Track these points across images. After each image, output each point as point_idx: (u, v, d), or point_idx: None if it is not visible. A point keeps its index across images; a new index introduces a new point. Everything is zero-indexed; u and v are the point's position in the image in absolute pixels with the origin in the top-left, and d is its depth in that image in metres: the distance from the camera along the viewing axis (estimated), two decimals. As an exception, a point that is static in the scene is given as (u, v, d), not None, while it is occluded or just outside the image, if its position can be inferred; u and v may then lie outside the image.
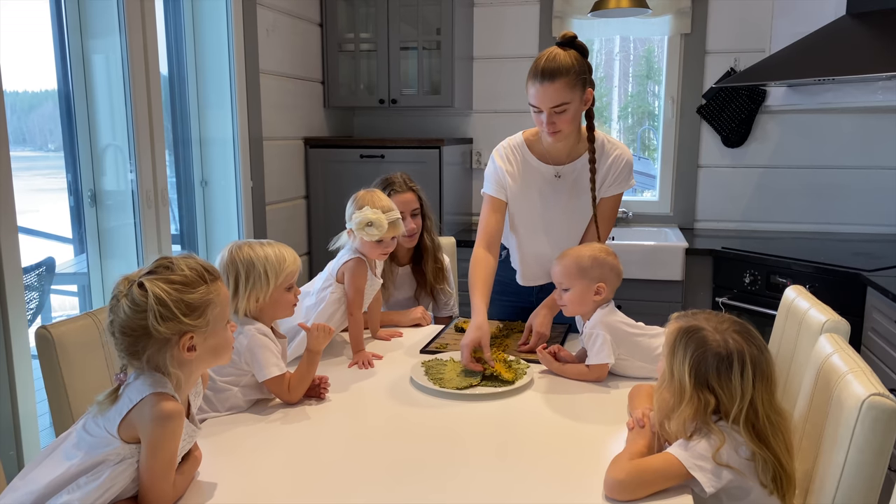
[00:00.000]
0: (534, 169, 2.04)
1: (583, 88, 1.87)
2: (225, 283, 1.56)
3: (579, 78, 1.84)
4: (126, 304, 1.12)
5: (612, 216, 2.10)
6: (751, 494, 1.22)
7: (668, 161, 3.68)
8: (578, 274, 1.76)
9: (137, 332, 1.13)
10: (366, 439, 1.45)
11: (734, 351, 1.24)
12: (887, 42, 2.82)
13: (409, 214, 2.23)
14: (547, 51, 1.87)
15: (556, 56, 1.84)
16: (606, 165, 2.02)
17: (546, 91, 1.83)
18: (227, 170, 2.93)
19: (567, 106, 1.85)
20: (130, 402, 1.12)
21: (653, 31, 3.59)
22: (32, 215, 2.50)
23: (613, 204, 2.08)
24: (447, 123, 3.85)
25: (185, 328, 1.15)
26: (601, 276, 1.76)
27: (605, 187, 2.03)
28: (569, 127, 1.90)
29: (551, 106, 1.85)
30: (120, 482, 1.13)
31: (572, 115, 1.88)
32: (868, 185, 3.43)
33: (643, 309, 2.45)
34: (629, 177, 2.04)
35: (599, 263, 1.76)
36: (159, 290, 1.12)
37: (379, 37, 3.48)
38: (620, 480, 1.18)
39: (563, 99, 1.84)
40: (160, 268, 1.16)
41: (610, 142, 2.04)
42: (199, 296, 1.16)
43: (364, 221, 1.85)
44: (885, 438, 1.16)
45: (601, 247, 1.82)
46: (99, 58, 2.33)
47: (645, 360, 1.73)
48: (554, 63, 1.82)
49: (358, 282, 1.90)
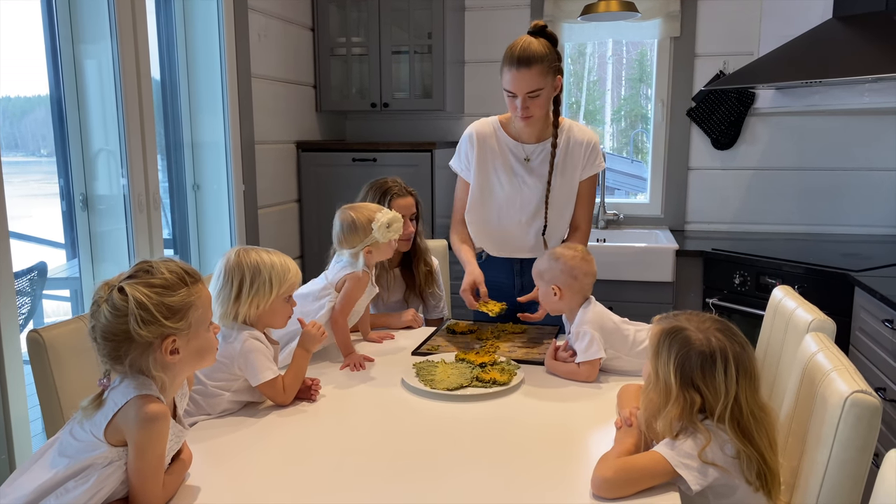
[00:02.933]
0: (505, 147, 2.18)
1: (554, 75, 2.01)
2: (227, 286, 1.57)
3: (551, 65, 1.98)
4: (107, 309, 1.12)
5: (592, 196, 2.25)
6: (737, 492, 1.23)
7: (658, 163, 3.70)
8: (538, 276, 1.87)
9: (119, 337, 1.13)
10: (357, 441, 1.46)
11: (717, 349, 1.25)
12: (874, 45, 2.85)
13: (409, 218, 2.24)
14: (520, 39, 1.99)
15: (530, 44, 1.97)
16: (577, 150, 2.15)
17: (522, 77, 1.96)
18: (219, 174, 2.93)
19: (540, 91, 1.99)
20: (116, 405, 1.13)
21: (643, 34, 3.62)
22: (25, 220, 2.51)
23: (591, 185, 2.22)
24: (439, 127, 3.86)
25: (167, 331, 1.15)
26: (552, 278, 1.82)
27: (578, 172, 2.17)
28: (540, 111, 2.04)
29: (526, 91, 1.98)
30: (108, 485, 1.13)
31: (544, 100, 2.02)
32: (856, 187, 3.46)
33: (634, 310, 2.45)
34: (598, 158, 2.19)
35: (550, 266, 1.83)
36: (139, 294, 1.12)
37: (370, 41, 3.49)
38: (608, 478, 1.20)
39: (538, 85, 1.97)
40: (140, 272, 1.17)
41: (577, 126, 2.18)
42: (180, 298, 1.16)
43: (384, 223, 1.89)
44: (868, 435, 1.18)
45: (564, 248, 1.87)
46: (91, 63, 2.33)
47: (632, 354, 1.75)
48: (529, 50, 1.95)
49: (355, 294, 1.91)
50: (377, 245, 1.92)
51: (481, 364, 1.79)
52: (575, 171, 2.16)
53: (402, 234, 1.97)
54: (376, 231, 1.89)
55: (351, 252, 1.92)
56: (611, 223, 3.71)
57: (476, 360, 1.81)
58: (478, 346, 1.99)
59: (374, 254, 1.93)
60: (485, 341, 2.05)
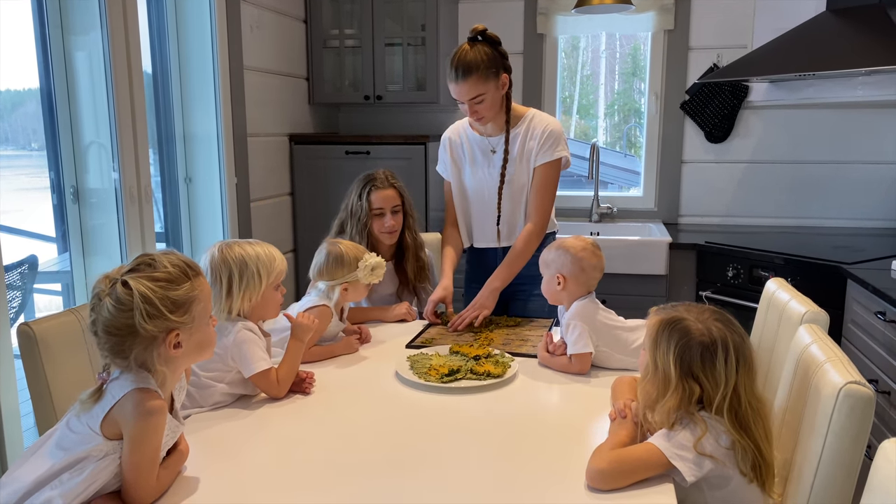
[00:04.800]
0: (474, 143, 2.26)
1: (497, 77, 2.07)
2: (217, 284, 1.57)
3: (490, 70, 2.05)
4: (110, 303, 1.11)
5: (546, 186, 2.20)
6: (731, 483, 1.23)
7: (651, 156, 3.70)
8: (544, 263, 1.85)
9: (123, 332, 1.12)
10: (351, 434, 1.45)
11: (718, 339, 1.25)
12: (867, 37, 2.85)
13: (391, 211, 2.24)
14: (458, 49, 2.07)
15: (465, 54, 2.05)
16: (534, 137, 2.18)
17: (461, 87, 2.06)
18: (211, 167, 2.92)
19: (483, 96, 2.07)
20: (113, 398, 1.12)
21: (637, 27, 3.61)
22: (15, 214, 2.49)
23: (544, 173, 2.19)
24: (433, 119, 3.85)
25: (172, 325, 1.14)
26: (560, 266, 1.81)
27: (533, 157, 2.19)
28: (490, 112, 2.12)
29: (468, 99, 2.07)
30: (102, 477, 1.13)
31: (490, 102, 2.09)
32: (849, 180, 3.47)
33: (627, 303, 2.47)
34: (555, 146, 2.17)
35: (560, 255, 1.82)
36: (144, 287, 1.11)
37: (364, 33, 3.48)
38: (602, 470, 1.20)
39: (478, 91, 2.06)
40: (142, 265, 1.15)
41: (539, 115, 2.23)
42: (184, 292, 1.16)
43: (369, 266, 1.91)
44: (862, 425, 1.18)
45: (575, 239, 1.86)
46: (81, 55, 2.31)
47: (625, 353, 1.75)
48: (464, 61, 2.04)
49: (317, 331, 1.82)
50: (356, 285, 1.93)
51: (475, 357, 1.78)
52: (531, 158, 2.19)
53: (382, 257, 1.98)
54: (361, 269, 1.91)
55: (329, 284, 1.92)
56: (604, 216, 3.72)
57: (470, 352, 1.81)
58: (472, 339, 1.99)
59: (349, 293, 1.93)
60: (479, 334, 2.04)
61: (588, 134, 4.27)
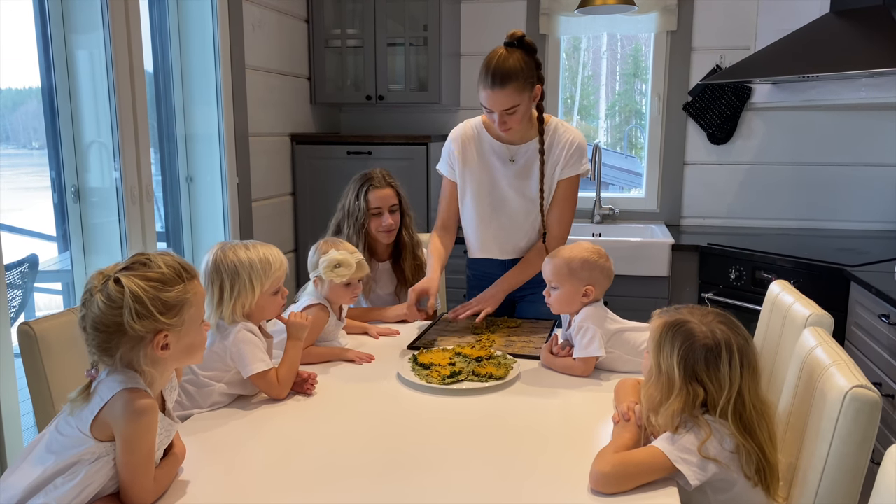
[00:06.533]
0: (489, 149, 2.13)
1: (532, 88, 1.95)
2: (210, 290, 1.56)
3: (528, 81, 1.93)
4: (101, 299, 1.10)
5: (569, 198, 2.15)
6: (735, 487, 1.23)
7: (654, 158, 3.69)
8: (569, 275, 1.76)
9: (111, 329, 1.11)
10: (351, 435, 1.45)
11: (722, 341, 1.24)
12: (871, 39, 2.84)
13: (388, 210, 2.24)
14: (495, 54, 1.93)
15: (505, 60, 1.91)
16: (559, 149, 2.09)
17: (497, 96, 1.92)
18: (212, 166, 2.91)
19: (517, 108, 1.95)
20: (102, 400, 1.11)
21: (639, 28, 3.60)
22: (16, 213, 2.49)
23: (568, 186, 2.13)
24: (434, 120, 3.84)
25: (161, 326, 1.13)
26: (590, 278, 1.76)
27: (558, 170, 2.10)
28: (519, 124, 2.01)
29: (502, 109, 1.94)
30: (97, 480, 1.12)
31: (521, 115, 1.98)
32: (852, 182, 3.46)
33: (629, 305, 2.46)
34: (581, 160, 2.11)
35: (590, 266, 1.77)
36: (136, 286, 1.10)
37: (366, 33, 3.47)
38: (606, 473, 1.19)
39: (513, 102, 1.93)
40: (137, 264, 1.14)
41: (563, 126, 2.12)
42: (176, 294, 1.14)
43: (332, 262, 1.85)
44: (868, 430, 1.17)
45: (593, 248, 1.81)
46: (83, 54, 2.31)
47: (631, 353, 1.74)
48: (504, 68, 1.90)
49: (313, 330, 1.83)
50: (334, 287, 1.87)
51: (477, 358, 1.77)
52: (555, 170, 2.11)
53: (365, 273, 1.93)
54: (321, 265, 1.86)
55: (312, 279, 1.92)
56: (606, 218, 3.71)
57: (472, 354, 1.80)
58: (474, 341, 1.98)
59: (332, 294, 1.89)
60: (480, 336, 2.04)
61: (590, 135, 4.26)
